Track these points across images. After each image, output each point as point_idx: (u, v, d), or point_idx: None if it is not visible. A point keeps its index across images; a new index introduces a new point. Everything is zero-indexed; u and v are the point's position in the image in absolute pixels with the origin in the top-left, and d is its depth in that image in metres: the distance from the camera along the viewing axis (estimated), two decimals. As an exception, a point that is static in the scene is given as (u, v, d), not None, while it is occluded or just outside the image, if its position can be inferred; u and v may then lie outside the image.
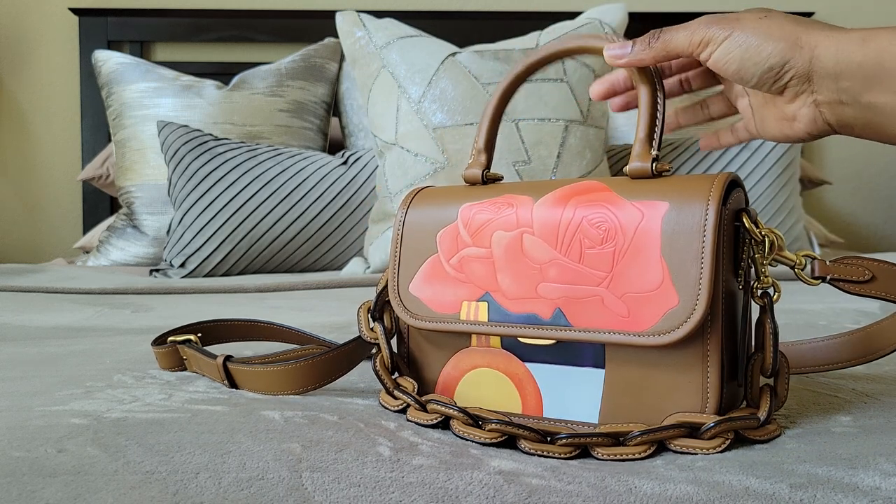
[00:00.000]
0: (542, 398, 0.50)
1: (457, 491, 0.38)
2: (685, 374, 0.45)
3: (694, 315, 0.44)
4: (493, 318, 0.51)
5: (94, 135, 2.19)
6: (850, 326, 0.85)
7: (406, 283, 0.54)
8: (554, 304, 0.48)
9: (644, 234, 0.46)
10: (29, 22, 2.26)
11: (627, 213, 0.47)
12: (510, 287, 0.50)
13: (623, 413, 0.47)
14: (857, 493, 0.37)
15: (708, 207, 0.44)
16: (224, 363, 0.58)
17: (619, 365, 0.47)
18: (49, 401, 0.53)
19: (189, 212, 1.57)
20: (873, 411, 0.50)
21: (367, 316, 0.57)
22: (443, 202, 0.55)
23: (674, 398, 0.46)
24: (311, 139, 1.91)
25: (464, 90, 1.52)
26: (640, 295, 0.45)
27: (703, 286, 0.44)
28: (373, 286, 1.33)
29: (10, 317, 1.00)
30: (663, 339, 0.44)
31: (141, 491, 0.38)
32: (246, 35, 2.22)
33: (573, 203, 0.49)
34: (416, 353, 0.56)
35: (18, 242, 2.30)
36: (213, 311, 1.00)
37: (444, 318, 0.52)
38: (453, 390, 0.53)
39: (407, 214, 0.56)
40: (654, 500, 0.37)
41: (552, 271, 0.48)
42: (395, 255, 0.56)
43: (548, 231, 0.49)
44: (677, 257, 0.45)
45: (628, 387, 0.47)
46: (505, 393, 0.51)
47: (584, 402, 0.48)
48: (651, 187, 0.47)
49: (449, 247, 0.53)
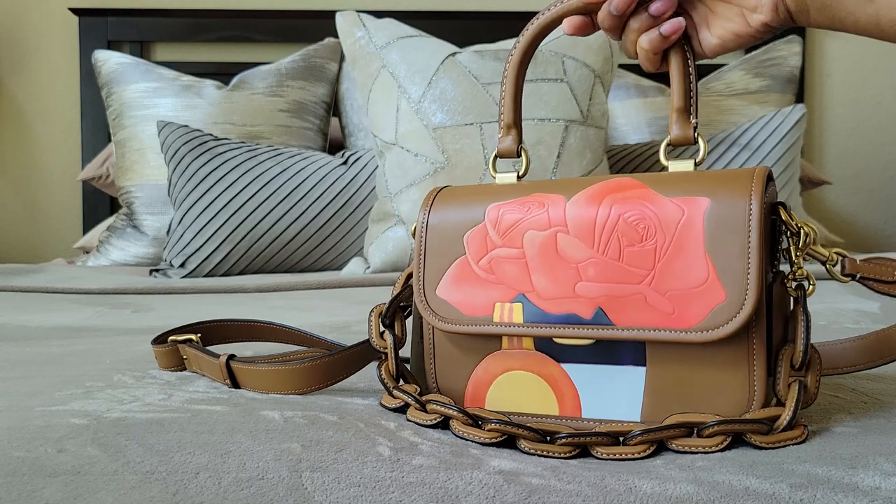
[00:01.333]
0: (581, 399, 0.49)
1: (457, 491, 0.38)
2: (731, 370, 0.45)
3: (743, 310, 0.43)
4: (530, 319, 0.50)
5: (94, 135, 2.19)
6: (850, 326, 0.85)
7: (433, 287, 0.53)
8: (594, 304, 0.48)
9: (687, 230, 0.46)
10: (29, 22, 2.26)
11: (667, 210, 0.46)
12: (546, 287, 0.49)
13: (666, 411, 0.47)
14: (857, 493, 0.37)
15: (751, 202, 0.45)
16: (227, 362, 0.58)
17: (661, 363, 0.47)
18: (49, 401, 0.53)
19: (189, 212, 1.57)
20: (873, 411, 0.50)
21: (378, 322, 0.56)
22: (467, 202, 0.54)
23: (719, 394, 0.45)
24: (311, 139, 1.91)
25: (464, 90, 1.52)
26: (686, 291, 0.45)
27: (752, 280, 0.44)
28: (373, 286, 1.33)
29: (10, 317, 1.00)
30: (711, 335, 0.44)
31: (141, 491, 0.38)
32: (246, 35, 2.22)
33: (608, 201, 0.48)
34: (443, 360, 0.54)
35: (18, 242, 2.30)
36: (213, 311, 1.00)
37: (476, 321, 0.51)
38: (484, 395, 0.52)
39: (430, 216, 0.54)
40: (654, 499, 0.37)
41: (591, 270, 0.48)
42: (420, 258, 0.54)
43: (583, 230, 0.48)
44: (723, 253, 0.44)
45: (671, 384, 0.47)
46: (540, 395, 0.50)
47: (624, 401, 0.48)
48: (688, 183, 0.47)
49: (478, 248, 0.52)
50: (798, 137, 1.76)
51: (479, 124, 1.50)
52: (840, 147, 2.40)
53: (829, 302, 1.04)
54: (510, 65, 0.57)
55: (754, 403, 0.45)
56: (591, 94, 1.56)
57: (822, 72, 2.37)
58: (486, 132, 1.49)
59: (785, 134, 1.73)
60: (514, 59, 0.57)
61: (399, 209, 1.49)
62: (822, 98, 2.38)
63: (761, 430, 0.44)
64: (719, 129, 2.00)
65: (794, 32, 2.24)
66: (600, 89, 1.59)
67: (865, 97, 2.39)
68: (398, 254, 1.48)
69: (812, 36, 2.35)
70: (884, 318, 0.91)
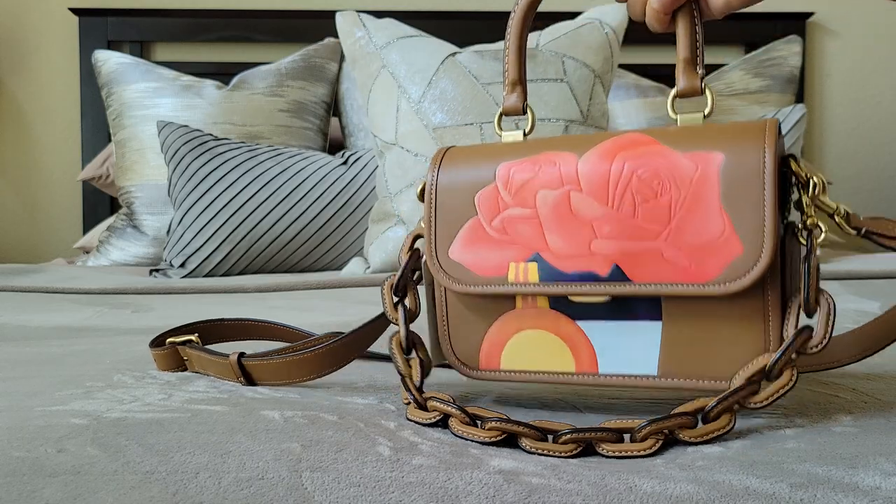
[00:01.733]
0: (597, 355, 0.49)
1: (457, 491, 0.38)
2: (747, 322, 0.45)
3: (760, 262, 0.44)
4: (545, 278, 0.49)
5: (94, 135, 2.19)
6: (850, 326, 0.85)
7: (444, 249, 0.52)
8: (610, 260, 0.48)
9: (701, 184, 0.46)
10: (29, 22, 2.26)
11: (680, 165, 0.46)
12: (561, 246, 0.49)
13: (683, 364, 0.47)
14: (857, 492, 0.37)
15: (765, 155, 0.45)
16: (239, 360, 0.58)
17: (677, 317, 0.47)
18: (49, 401, 0.53)
19: (189, 212, 1.57)
20: (873, 411, 0.50)
21: (391, 294, 0.55)
22: (476, 162, 0.53)
23: (736, 347, 0.46)
24: (311, 139, 1.91)
25: (464, 90, 1.52)
26: (702, 246, 0.45)
27: (768, 233, 0.44)
28: (373, 286, 1.33)
29: (10, 317, 1.00)
30: (729, 288, 0.44)
31: (141, 491, 0.38)
32: (246, 35, 2.22)
33: (621, 157, 0.48)
34: (456, 322, 0.54)
35: (18, 242, 2.30)
36: (213, 311, 1.00)
37: (490, 282, 0.51)
38: (499, 355, 0.52)
39: (438, 176, 0.53)
40: (655, 498, 0.37)
41: (605, 227, 0.48)
42: (431, 220, 0.53)
43: (596, 187, 0.48)
44: (738, 206, 0.45)
45: (688, 338, 0.47)
46: (556, 353, 0.50)
47: (641, 356, 0.48)
48: (700, 137, 0.47)
49: (489, 208, 0.51)
50: (798, 137, 1.76)
51: (479, 124, 1.50)
52: (840, 147, 2.40)
53: (829, 302, 1.04)
54: (514, 20, 0.56)
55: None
56: (591, 94, 1.56)
57: (822, 72, 2.37)
58: (487, 132, 1.49)
59: (785, 134, 1.73)
60: (517, 14, 0.56)
61: (399, 209, 1.49)
62: (822, 98, 2.38)
63: (753, 391, 0.44)
64: (719, 129, 2.00)
65: (795, 32, 2.24)
66: (600, 89, 1.59)
67: (865, 97, 2.39)
68: (398, 254, 1.48)
69: (812, 36, 2.35)
70: (884, 318, 0.90)
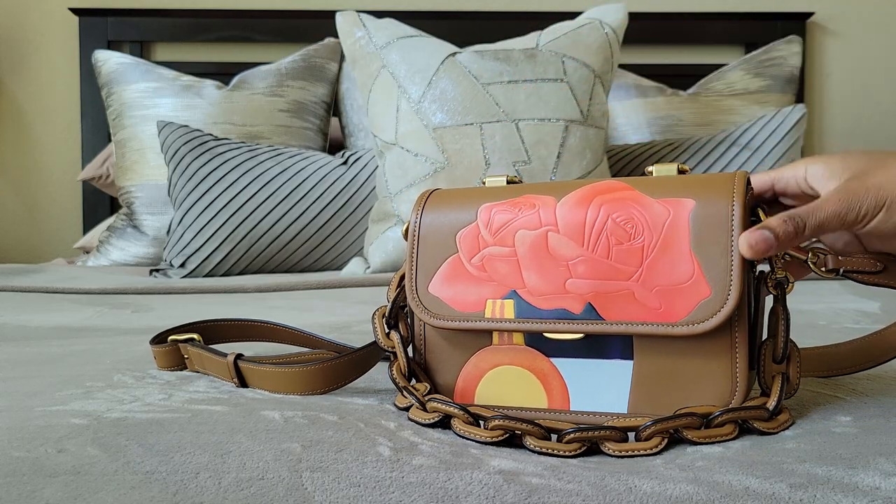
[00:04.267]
0: (569, 392, 0.51)
1: (457, 491, 0.38)
2: (715, 362, 0.47)
3: (727, 304, 0.46)
4: (521, 315, 0.51)
5: (94, 135, 2.19)
6: (850, 326, 0.85)
7: (425, 285, 0.54)
8: (584, 299, 0.49)
9: (673, 229, 0.48)
10: (29, 22, 2.26)
11: (654, 211, 0.49)
12: (537, 284, 0.51)
13: (652, 401, 0.48)
14: (857, 493, 0.37)
15: (734, 203, 0.47)
16: (235, 362, 0.58)
17: (648, 356, 0.49)
18: (49, 401, 0.53)
19: (189, 212, 1.57)
20: (873, 411, 0.50)
21: (383, 323, 0.56)
22: (459, 203, 0.55)
23: (704, 386, 0.47)
24: (311, 139, 1.91)
25: (464, 90, 1.52)
26: (672, 288, 0.47)
27: (735, 277, 0.46)
28: (373, 286, 1.33)
29: (10, 317, 1.00)
30: (697, 329, 0.46)
31: (141, 491, 0.38)
32: (246, 35, 2.22)
33: (597, 202, 0.50)
34: (433, 356, 0.55)
35: (18, 242, 2.30)
36: (213, 311, 1.00)
37: (467, 317, 0.52)
38: (473, 390, 0.53)
39: (422, 216, 0.56)
40: (654, 499, 0.37)
41: (580, 268, 0.50)
42: (412, 257, 0.55)
43: (573, 229, 0.50)
44: (707, 251, 0.47)
45: (658, 376, 0.49)
46: (529, 389, 0.52)
47: (612, 393, 0.50)
48: (674, 186, 0.49)
49: (470, 246, 0.53)
50: (798, 137, 1.76)
51: (479, 124, 1.50)
52: (840, 147, 2.40)
53: (829, 302, 1.04)
54: None
55: (737, 394, 0.47)
56: (591, 94, 1.56)
57: (822, 72, 2.37)
58: (486, 132, 1.49)
59: (785, 134, 1.73)
60: None
61: (399, 209, 1.49)
62: (822, 98, 2.38)
63: (762, 416, 0.46)
64: (719, 129, 2.00)
65: (795, 32, 2.24)
66: (600, 89, 1.59)
67: (865, 97, 2.39)
68: (398, 254, 1.48)
69: (812, 36, 2.35)
70: (884, 318, 0.91)
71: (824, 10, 2.35)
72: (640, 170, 1.77)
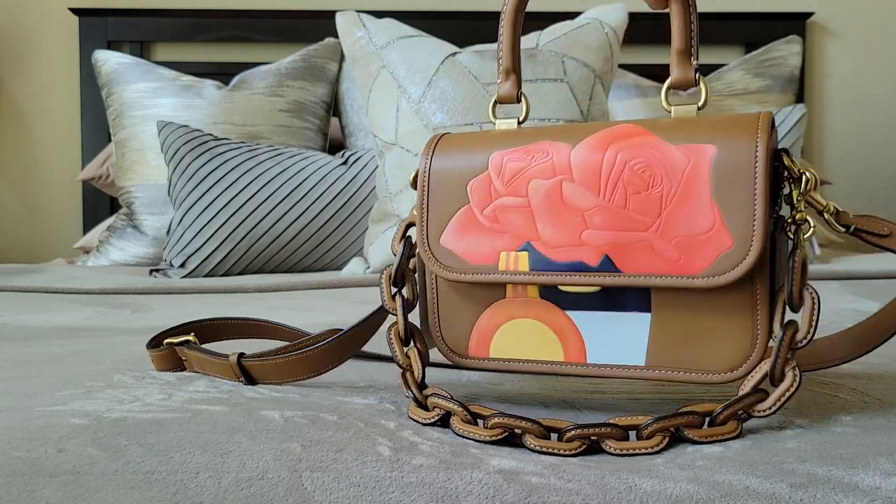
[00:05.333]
0: (585, 345, 0.50)
1: (457, 490, 0.38)
2: (735, 316, 0.46)
3: (749, 256, 0.44)
4: (535, 268, 0.50)
5: (94, 135, 2.19)
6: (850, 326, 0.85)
7: (436, 237, 0.53)
8: (601, 251, 0.48)
9: (693, 177, 0.46)
10: (29, 22, 2.26)
11: (672, 157, 0.47)
12: (552, 236, 0.49)
13: (671, 355, 0.47)
14: (857, 492, 0.37)
15: (757, 149, 0.45)
16: (238, 361, 0.58)
17: (666, 308, 0.47)
18: (49, 401, 0.53)
19: (189, 212, 1.57)
20: (873, 411, 0.50)
21: (389, 284, 0.55)
22: (469, 149, 0.53)
23: (724, 340, 0.46)
24: (311, 139, 1.91)
25: (464, 90, 1.52)
26: (692, 238, 0.46)
27: (758, 227, 0.44)
28: (373, 286, 1.33)
29: (10, 317, 1.00)
30: (718, 281, 0.45)
31: (141, 491, 0.38)
32: (246, 35, 2.22)
33: (614, 148, 0.48)
34: (446, 309, 0.54)
35: (18, 242, 2.30)
36: (212, 311, 1.00)
37: (481, 270, 0.51)
38: (488, 343, 0.52)
39: (432, 163, 0.54)
40: (654, 498, 0.37)
41: (596, 218, 0.48)
42: (423, 207, 0.53)
43: (588, 177, 0.48)
44: (729, 199, 0.45)
45: (676, 330, 0.47)
46: (545, 342, 0.51)
47: (629, 346, 0.49)
48: (692, 130, 0.47)
49: (482, 197, 0.51)
50: (798, 137, 1.76)
51: (479, 124, 1.50)
52: (840, 147, 2.40)
53: (828, 302, 1.04)
54: (507, 7, 0.55)
55: (757, 348, 0.45)
56: (591, 94, 1.56)
57: (822, 72, 2.37)
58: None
59: (785, 134, 1.73)
60: (511, 1, 0.55)
61: (399, 209, 1.49)
62: (822, 98, 2.38)
63: (761, 398, 0.45)
64: (719, 129, 2.00)
65: (795, 32, 2.24)
66: (600, 89, 1.59)
67: (865, 97, 2.39)
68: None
69: (812, 36, 2.35)
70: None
71: (824, 10, 2.35)
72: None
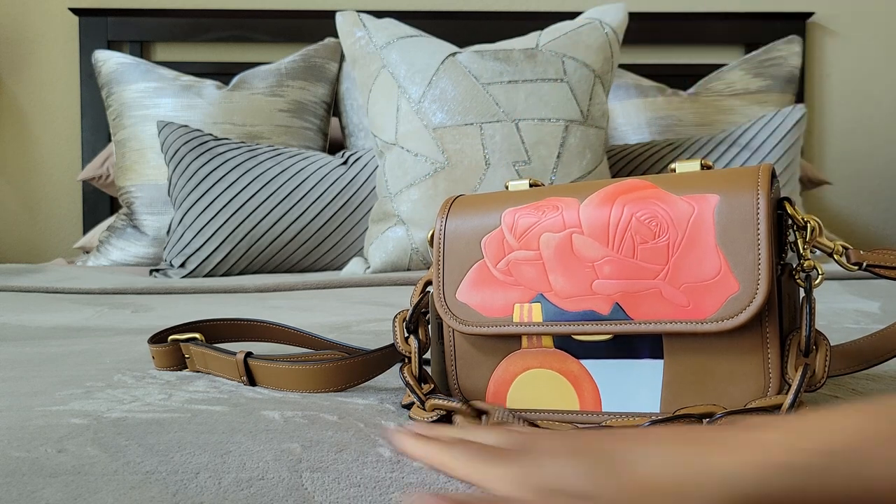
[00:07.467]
0: (601, 393, 0.50)
1: (457, 491, 0.38)
2: (747, 358, 0.47)
3: (756, 299, 0.45)
4: (549, 318, 0.51)
5: (94, 135, 2.19)
6: (850, 326, 0.85)
7: (452, 291, 0.54)
8: (611, 300, 0.49)
9: (698, 225, 0.47)
10: (29, 22, 2.26)
11: (678, 208, 0.48)
12: (564, 286, 0.51)
13: (685, 400, 0.48)
14: (856, 493, 0.37)
15: (758, 197, 0.46)
16: (245, 359, 0.58)
17: (678, 354, 0.48)
18: (49, 401, 0.53)
19: (189, 212, 1.57)
20: (873, 411, 0.50)
21: (403, 327, 0.57)
22: (482, 209, 0.55)
23: (737, 383, 0.47)
24: (311, 139, 1.91)
25: (464, 90, 1.52)
26: (700, 284, 0.47)
27: (763, 271, 0.45)
28: (373, 286, 1.33)
29: (10, 317, 1.00)
30: (727, 325, 0.46)
31: (141, 491, 0.38)
32: (246, 35, 2.22)
33: (621, 201, 0.50)
34: (464, 361, 0.55)
35: (18, 242, 2.30)
36: (213, 311, 1.00)
37: (496, 322, 0.52)
38: (505, 394, 0.53)
39: (447, 223, 0.56)
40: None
41: (606, 268, 0.49)
42: (439, 264, 0.55)
43: (598, 230, 0.50)
44: (733, 245, 0.46)
45: (689, 375, 0.48)
46: (561, 391, 0.51)
47: (644, 394, 0.49)
48: (697, 182, 0.49)
49: (495, 251, 0.53)
50: (798, 137, 1.76)
51: (479, 124, 1.50)
52: (840, 147, 2.40)
53: (829, 302, 1.04)
54: None
55: (770, 389, 0.46)
56: (591, 94, 1.56)
57: (822, 72, 2.37)
58: (486, 132, 1.49)
59: (785, 134, 1.73)
60: None
61: (399, 209, 1.49)
62: (822, 98, 2.38)
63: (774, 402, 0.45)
64: (719, 129, 2.00)
65: (795, 32, 2.24)
66: (600, 89, 1.59)
67: (865, 97, 2.39)
68: (398, 254, 1.48)
69: (812, 36, 2.35)
70: (883, 318, 0.90)
71: (824, 10, 2.35)
72: (639, 170, 1.77)
